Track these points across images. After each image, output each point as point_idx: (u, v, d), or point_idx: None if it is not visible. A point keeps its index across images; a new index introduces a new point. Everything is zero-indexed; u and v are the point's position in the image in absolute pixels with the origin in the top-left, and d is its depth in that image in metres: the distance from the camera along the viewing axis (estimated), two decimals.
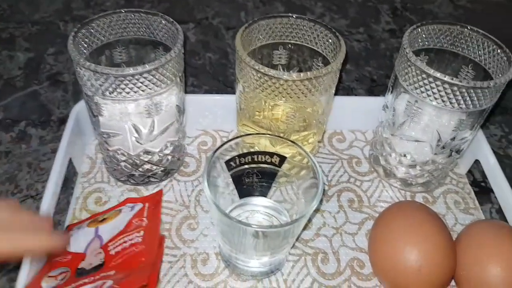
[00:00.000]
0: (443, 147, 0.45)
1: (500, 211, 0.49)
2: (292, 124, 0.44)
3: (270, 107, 0.43)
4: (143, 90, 0.39)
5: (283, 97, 0.41)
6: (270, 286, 0.42)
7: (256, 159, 0.42)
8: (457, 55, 0.47)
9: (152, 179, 0.48)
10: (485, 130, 0.58)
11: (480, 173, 0.54)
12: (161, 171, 0.48)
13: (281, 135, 0.44)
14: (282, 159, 0.41)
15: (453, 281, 0.42)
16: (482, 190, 0.52)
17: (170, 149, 0.47)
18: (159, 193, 0.45)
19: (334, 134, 0.56)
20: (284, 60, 0.48)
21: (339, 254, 0.45)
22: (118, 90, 0.39)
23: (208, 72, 0.63)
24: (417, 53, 0.46)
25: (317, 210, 0.48)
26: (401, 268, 0.39)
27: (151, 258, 0.37)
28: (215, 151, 0.38)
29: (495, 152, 0.50)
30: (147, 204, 0.43)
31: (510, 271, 0.38)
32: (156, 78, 0.39)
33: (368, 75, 0.65)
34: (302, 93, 0.40)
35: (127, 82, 0.38)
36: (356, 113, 0.55)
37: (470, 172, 0.54)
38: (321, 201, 0.49)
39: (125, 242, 0.38)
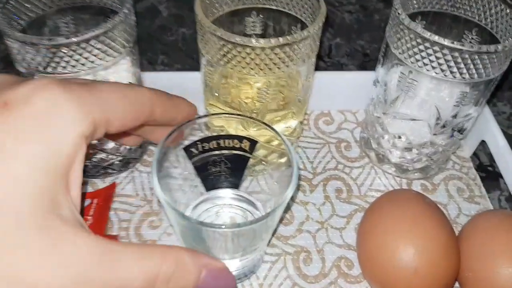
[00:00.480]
0: (443, 126, 0.39)
1: (510, 199, 0.43)
2: (265, 102, 0.37)
3: (238, 82, 0.37)
4: (83, 64, 0.33)
5: (252, 69, 0.34)
6: None
7: (222, 145, 0.35)
8: (459, 19, 0.40)
9: (109, 171, 0.42)
10: (492, 107, 0.51)
11: (487, 156, 0.47)
12: (119, 161, 0.42)
13: (254, 115, 0.38)
14: (253, 143, 0.35)
15: (457, 283, 0.36)
16: (490, 175, 0.46)
17: None
18: (112, 186, 0.39)
19: (321, 116, 0.50)
20: (258, 29, 0.42)
21: (324, 252, 0.39)
22: (52, 64, 0.33)
23: (180, 49, 0.57)
24: (412, 17, 0.39)
25: (293, 199, 0.42)
26: (393, 269, 0.33)
27: None
28: (167, 137, 0.32)
29: (504, 132, 0.44)
30: (95, 200, 0.37)
31: None
32: (98, 49, 0.33)
33: (361, 49, 0.58)
34: (274, 63, 0.34)
35: (63, 54, 0.32)
36: (346, 91, 0.49)
37: (475, 155, 0.47)
38: (299, 189, 0.43)
39: None
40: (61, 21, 0.40)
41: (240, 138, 0.35)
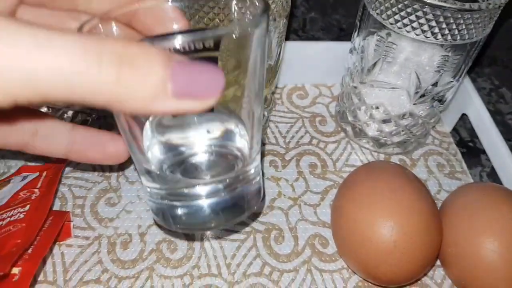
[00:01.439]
0: (423, 95, 0.36)
1: (491, 174, 0.41)
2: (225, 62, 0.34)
3: None
4: None
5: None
6: (208, 272, 0.33)
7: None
8: None
9: None
10: (473, 83, 0.49)
11: (467, 131, 0.45)
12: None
13: None
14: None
15: (438, 260, 0.34)
16: (470, 151, 0.44)
17: None
18: (63, 159, 0.35)
19: (294, 90, 0.47)
20: None
21: (297, 230, 0.36)
22: None
23: None
24: None
25: (264, 174, 0.39)
26: (371, 244, 0.30)
27: (30, 240, 0.27)
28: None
29: None
30: (45, 173, 0.33)
31: (511, 246, 0.30)
32: None
33: (336, 23, 0.56)
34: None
35: None
36: (320, 64, 0.46)
37: (455, 130, 0.45)
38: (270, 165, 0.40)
39: (2, 219, 0.28)
40: None
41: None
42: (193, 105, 0.17)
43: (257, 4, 0.24)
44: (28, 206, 0.29)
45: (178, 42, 0.19)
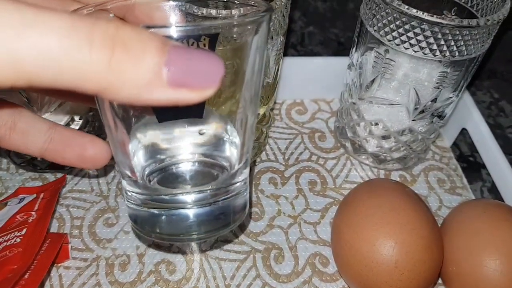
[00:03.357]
0: (422, 111, 0.36)
1: (493, 190, 0.41)
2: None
3: None
4: None
5: None
6: None
7: None
8: None
9: None
10: (472, 96, 0.49)
11: (467, 146, 0.45)
12: None
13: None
14: (214, 37, 0.22)
15: (439, 279, 0.34)
16: (471, 165, 0.43)
17: (80, 123, 0.37)
18: (61, 180, 0.35)
19: (293, 105, 0.47)
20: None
21: (297, 249, 0.36)
22: None
23: None
24: None
25: (263, 192, 0.39)
26: (372, 264, 0.30)
27: (27, 265, 0.27)
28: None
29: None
30: (42, 195, 0.33)
31: None
32: None
33: (334, 37, 0.55)
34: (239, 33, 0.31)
35: None
36: (319, 79, 0.46)
37: (455, 145, 0.45)
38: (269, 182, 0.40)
39: None
40: None
41: (197, 37, 0.22)
42: (190, 95, 0.16)
43: (259, 7, 0.23)
44: (25, 230, 0.29)
45: (175, 32, 0.18)
